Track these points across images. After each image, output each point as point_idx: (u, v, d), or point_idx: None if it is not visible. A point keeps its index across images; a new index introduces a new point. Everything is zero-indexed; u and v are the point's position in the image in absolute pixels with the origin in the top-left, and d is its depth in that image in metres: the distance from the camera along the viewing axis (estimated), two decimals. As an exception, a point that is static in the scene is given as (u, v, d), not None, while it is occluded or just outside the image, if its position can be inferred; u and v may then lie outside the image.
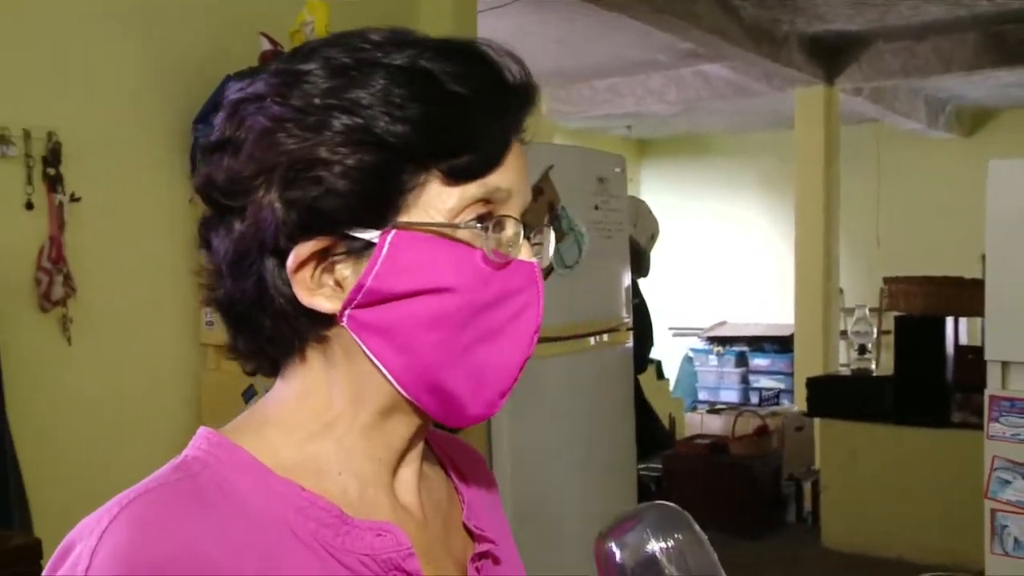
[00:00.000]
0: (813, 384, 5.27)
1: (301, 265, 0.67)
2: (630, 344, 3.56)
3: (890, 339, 5.25)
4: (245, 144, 0.67)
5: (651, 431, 4.98)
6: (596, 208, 3.32)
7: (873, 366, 5.28)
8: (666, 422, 6.26)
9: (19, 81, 2.52)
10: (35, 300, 2.51)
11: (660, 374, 8.00)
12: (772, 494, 5.51)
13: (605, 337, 3.38)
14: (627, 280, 3.56)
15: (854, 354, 5.33)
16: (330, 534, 0.68)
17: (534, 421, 3.07)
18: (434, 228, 0.67)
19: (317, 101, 0.66)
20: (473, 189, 0.68)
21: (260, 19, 2.84)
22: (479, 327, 0.69)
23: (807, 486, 5.69)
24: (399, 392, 0.69)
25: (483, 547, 0.78)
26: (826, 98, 7.04)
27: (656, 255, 9.83)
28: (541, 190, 3.07)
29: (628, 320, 3.55)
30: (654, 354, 8.97)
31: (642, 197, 10.17)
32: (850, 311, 6.28)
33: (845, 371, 5.51)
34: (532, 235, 0.74)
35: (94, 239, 2.60)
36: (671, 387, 8.56)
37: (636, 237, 3.82)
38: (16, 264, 2.48)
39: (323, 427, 0.71)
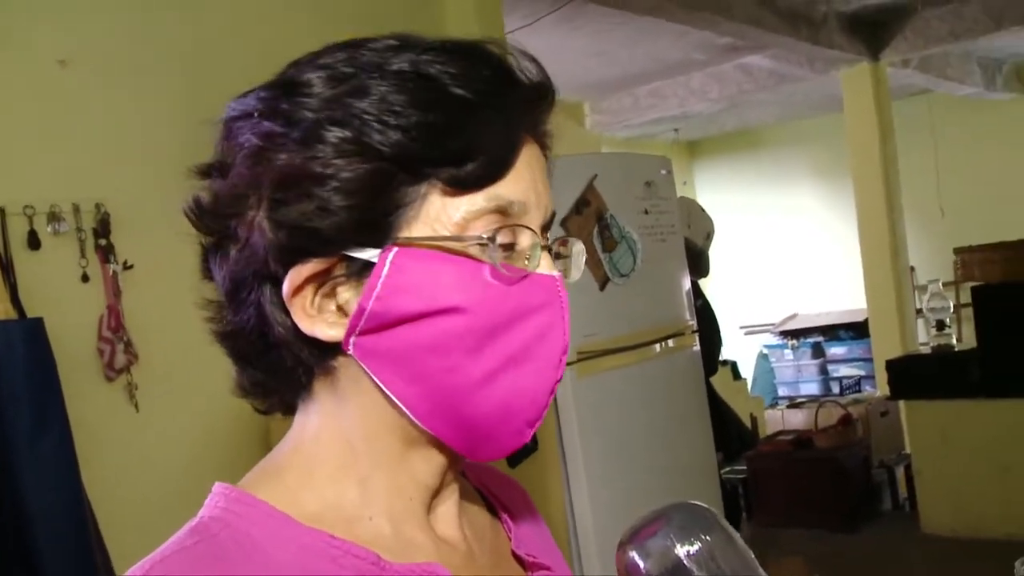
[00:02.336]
0: (893, 366, 5.11)
1: (298, 290, 0.62)
2: (697, 347, 3.49)
3: (969, 312, 5.08)
4: (234, 164, 0.63)
5: (731, 433, 4.88)
6: (646, 212, 3.27)
7: (954, 341, 5.11)
8: (747, 422, 6.14)
9: (64, 158, 2.57)
10: (100, 371, 2.54)
11: (736, 374, 7.87)
12: (864, 484, 5.35)
13: (671, 342, 3.32)
14: (687, 282, 3.49)
15: (933, 332, 5.15)
16: None
17: (607, 435, 3.02)
18: (436, 243, 0.61)
19: (308, 114, 0.61)
20: (480, 200, 0.62)
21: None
22: (498, 350, 0.63)
23: (899, 472, 5.52)
24: (417, 424, 0.64)
25: (539, 574, 0.74)
26: (873, 75, 6.88)
27: (718, 254, 9.76)
28: (588, 201, 3.04)
29: (693, 323, 3.48)
30: (727, 355, 8.89)
31: (698, 198, 10.15)
32: (923, 288, 6.11)
33: (925, 350, 5.33)
34: (554, 246, 0.68)
35: (150, 304, 2.63)
36: (749, 386, 8.42)
37: (692, 238, 3.76)
38: (78, 337, 2.52)
39: (342, 468, 0.66)
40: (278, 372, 0.66)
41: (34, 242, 2.48)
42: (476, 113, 0.61)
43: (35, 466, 2.37)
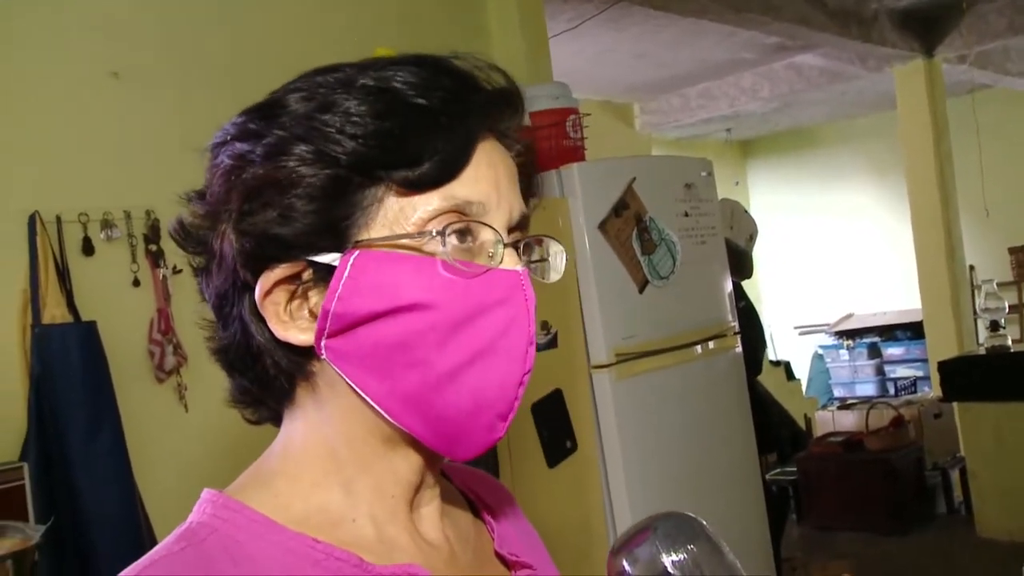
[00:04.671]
0: (946, 367, 5.03)
1: (268, 295, 0.65)
2: (739, 349, 3.48)
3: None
4: (212, 186, 0.67)
5: (783, 434, 4.84)
6: (686, 215, 3.27)
7: (1009, 342, 5.01)
8: (801, 423, 6.09)
9: (115, 168, 2.66)
10: (150, 372, 2.63)
11: (790, 375, 7.80)
12: (917, 487, 5.28)
13: (711, 344, 3.31)
14: (728, 284, 3.49)
15: (988, 332, 5.07)
16: None
17: (646, 437, 3.03)
18: (392, 243, 0.64)
19: (277, 132, 0.65)
20: (435, 200, 0.64)
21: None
22: (462, 345, 0.64)
23: (954, 475, 5.44)
24: (391, 422, 0.67)
25: (521, 573, 0.77)
26: (927, 71, 6.78)
27: (772, 254, 9.67)
28: (626, 204, 3.06)
29: (734, 324, 3.48)
30: (782, 355, 8.81)
31: (751, 198, 10.08)
32: (980, 287, 6.00)
33: (981, 351, 5.24)
34: (521, 245, 0.70)
35: (198, 307, 2.70)
36: (803, 387, 8.33)
37: (734, 239, 3.74)
38: (130, 340, 2.61)
39: (326, 472, 0.69)
40: (263, 381, 0.69)
41: (88, 248, 2.57)
42: (430, 118, 0.64)
43: (90, 463, 2.47)
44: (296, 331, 0.66)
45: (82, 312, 2.52)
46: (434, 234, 0.64)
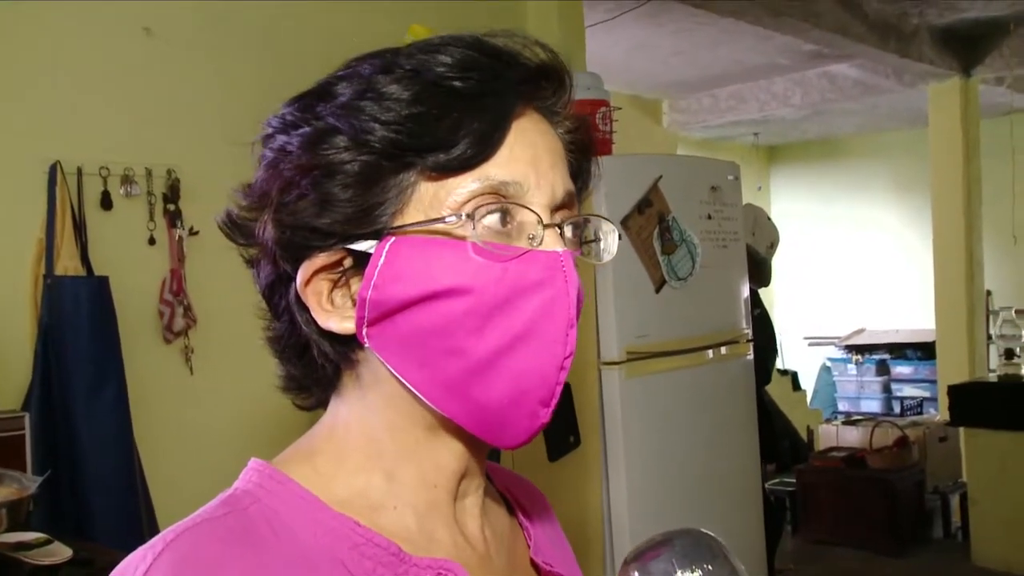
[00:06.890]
0: (956, 392, 4.99)
1: (307, 284, 0.65)
2: (751, 356, 3.45)
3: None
4: (256, 179, 0.68)
5: (784, 444, 4.81)
6: (709, 217, 3.24)
7: (1023, 371, 4.96)
8: (803, 434, 6.06)
9: (140, 124, 2.64)
10: (159, 332, 2.62)
11: (796, 385, 7.76)
12: (915, 509, 5.24)
13: (724, 350, 3.29)
14: (745, 290, 3.45)
15: (1002, 360, 5.02)
16: (388, 574, 0.64)
17: (651, 437, 3.01)
18: (425, 228, 0.63)
19: (316, 122, 0.64)
20: (470, 183, 0.63)
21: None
22: (501, 329, 0.63)
23: (954, 500, 5.40)
24: (434, 410, 0.66)
25: None
26: (963, 91, 6.68)
27: (788, 261, 9.56)
28: (650, 202, 3.03)
29: (748, 331, 3.45)
30: (789, 364, 8.77)
31: (773, 204, 10.01)
32: (996, 313, 5.93)
33: (993, 378, 5.19)
34: (565, 225, 0.67)
35: (212, 271, 2.69)
36: (808, 399, 8.29)
37: (755, 246, 3.71)
38: (141, 298, 2.59)
39: (369, 458, 0.69)
40: (310, 370, 0.69)
41: (107, 203, 2.56)
42: (464, 100, 0.63)
43: (92, 418, 2.46)
44: (337, 319, 0.66)
45: (95, 266, 2.50)
46: (463, 217, 0.63)
